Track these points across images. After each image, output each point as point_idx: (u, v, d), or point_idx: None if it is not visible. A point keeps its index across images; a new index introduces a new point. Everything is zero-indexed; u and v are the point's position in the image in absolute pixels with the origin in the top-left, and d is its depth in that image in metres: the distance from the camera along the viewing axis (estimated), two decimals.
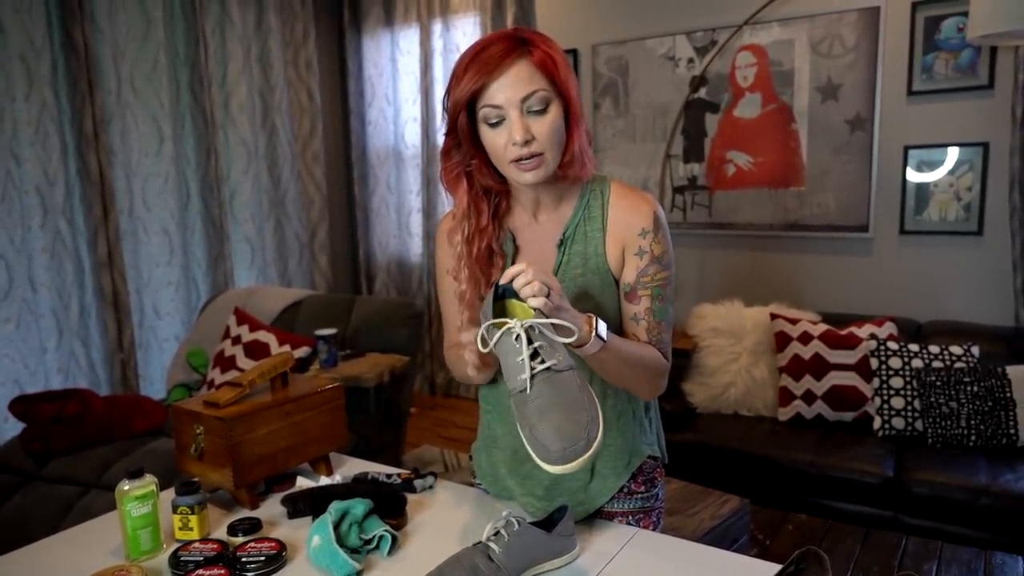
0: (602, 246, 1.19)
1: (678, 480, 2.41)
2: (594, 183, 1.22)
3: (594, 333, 1.03)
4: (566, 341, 1.00)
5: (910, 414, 2.78)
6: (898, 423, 2.80)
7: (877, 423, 2.83)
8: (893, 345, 2.87)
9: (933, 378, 2.73)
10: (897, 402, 2.80)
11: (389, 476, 1.44)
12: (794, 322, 3.08)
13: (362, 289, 4.97)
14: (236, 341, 3.02)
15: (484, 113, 1.10)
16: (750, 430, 2.99)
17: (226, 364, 2.97)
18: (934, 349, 2.83)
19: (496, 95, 1.08)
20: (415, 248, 4.78)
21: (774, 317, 3.14)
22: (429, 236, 4.64)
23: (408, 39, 4.61)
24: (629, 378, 1.16)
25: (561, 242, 1.21)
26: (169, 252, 3.90)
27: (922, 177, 3.18)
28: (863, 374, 2.90)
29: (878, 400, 2.84)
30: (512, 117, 1.08)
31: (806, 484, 2.71)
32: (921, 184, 3.18)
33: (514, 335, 0.98)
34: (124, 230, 3.66)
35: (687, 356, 3.26)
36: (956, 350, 2.81)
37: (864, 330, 2.98)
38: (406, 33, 4.61)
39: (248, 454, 1.33)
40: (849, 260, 3.41)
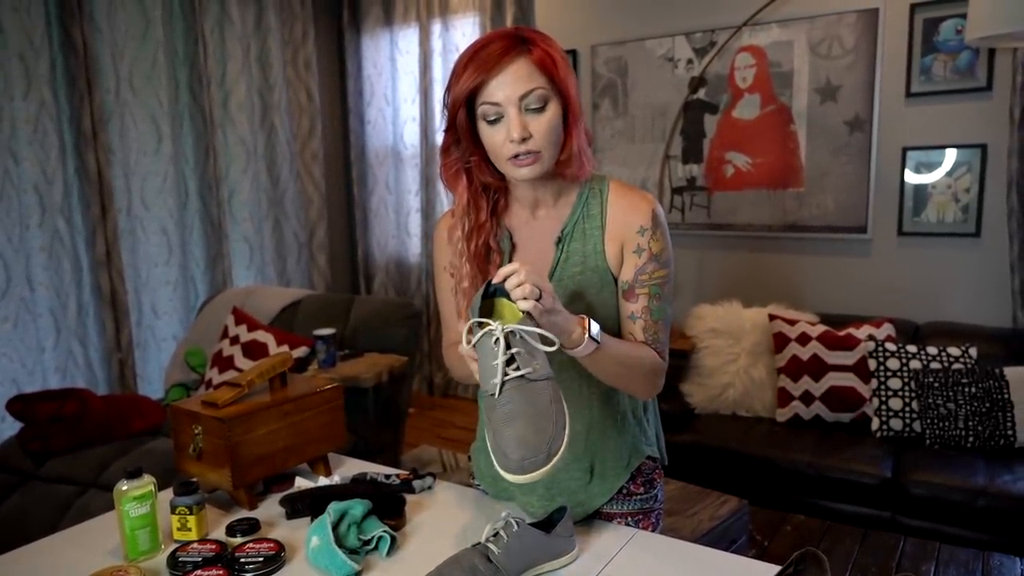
0: (600, 244, 1.19)
1: (677, 481, 2.42)
2: (593, 182, 1.22)
3: (587, 335, 1.03)
4: (547, 350, 0.99)
5: (908, 415, 2.79)
6: (896, 424, 2.80)
7: (875, 424, 2.84)
8: (891, 346, 2.87)
9: (931, 379, 2.74)
10: (895, 403, 2.81)
11: (388, 477, 1.44)
12: (792, 323, 3.08)
13: (360, 289, 4.97)
14: (234, 341, 3.01)
15: (483, 110, 1.10)
16: (748, 431, 3.00)
17: (224, 364, 2.96)
18: (932, 350, 2.84)
19: (495, 92, 1.08)
20: (414, 248, 4.78)
21: (772, 318, 3.14)
22: (428, 236, 4.64)
23: (407, 39, 4.61)
24: (624, 378, 1.16)
25: (559, 240, 1.21)
26: (167, 251, 3.90)
27: (920, 178, 3.19)
28: (861, 375, 2.90)
29: (876, 401, 2.84)
30: (510, 115, 1.09)
31: (804, 485, 2.72)
32: (919, 185, 3.19)
33: (493, 338, 0.96)
34: (122, 229, 3.65)
35: (685, 357, 3.26)
36: (954, 351, 2.82)
37: (862, 331, 2.98)
38: (405, 33, 4.61)
39: (247, 454, 1.33)
40: (847, 261, 3.41)
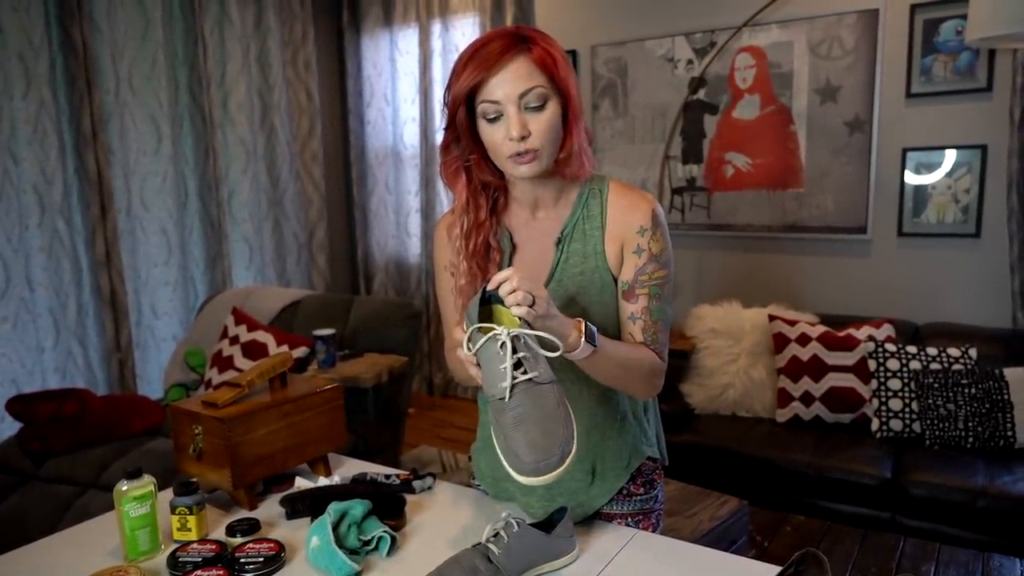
0: (601, 244, 1.19)
1: (676, 481, 2.42)
2: (593, 182, 1.22)
3: (583, 339, 1.03)
4: (550, 355, 1.00)
5: (908, 416, 2.79)
6: (896, 425, 2.80)
7: (875, 425, 2.84)
8: (891, 347, 2.87)
9: (931, 380, 2.74)
10: (895, 404, 2.81)
11: (388, 477, 1.44)
12: (792, 323, 3.08)
13: (360, 289, 4.96)
14: (234, 341, 3.01)
15: (482, 108, 1.10)
16: (748, 431, 3.00)
17: (224, 364, 2.96)
18: (932, 351, 2.84)
19: (494, 90, 1.08)
20: (413, 248, 4.78)
21: (772, 318, 3.14)
22: (427, 236, 4.64)
23: (407, 39, 4.61)
24: (622, 380, 1.16)
25: (559, 240, 1.21)
26: (167, 251, 3.90)
27: (920, 179, 3.19)
28: (861, 376, 2.90)
29: (876, 402, 2.84)
30: (510, 113, 1.09)
31: (804, 485, 2.71)
32: (919, 186, 3.19)
33: (499, 343, 0.97)
34: (122, 229, 3.65)
35: (685, 357, 3.26)
36: (954, 352, 2.82)
37: (862, 332, 2.98)
38: (405, 33, 4.61)
39: (247, 454, 1.32)
40: (847, 262, 3.41)
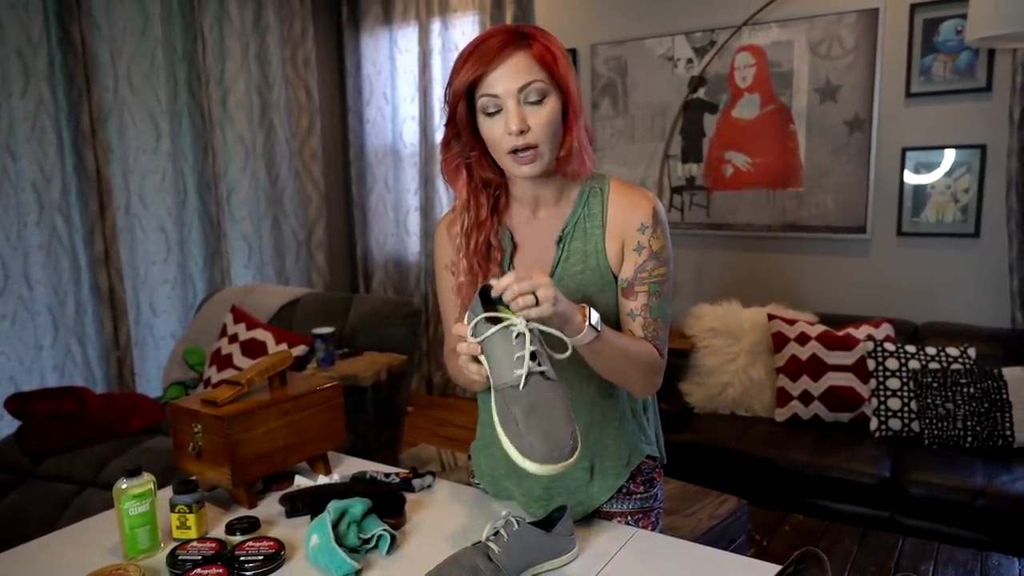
0: (602, 243, 1.19)
1: (676, 480, 2.41)
2: (593, 180, 1.22)
3: (587, 323, 1.03)
4: (558, 357, 1.01)
5: (907, 415, 2.79)
6: (895, 424, 2.80)
7: (874, 424, 2.84)
8: (890, 346, 2.87)
9: (930, 379, 2.74)
10: (894, 403, 2.81)
11: (388, 475, 1.44)
12: (791, 323, 3.08)
13: (359, 288, 4.96)
14: (233, 339, 3.01)
15: (482, 103, 1.11)
16: (747, 430, 3.00)
17: (223, 362, 2.96)
18: (931, 350, 2.84)
19: (494, 84, 1.09)
20: (413, 247, 4.77)
21: (771, 318, 3.14)
22: (427, 235, 4.63)
23: (407, 37, 4.61)
24: (622, 372, 1.15)
25: (560, 239, 1.21)
26: (166, 249, 3.89)
27: (920, 179, 3.19)
28: (860, 375, 2.90)
29: (875, 401, 2.84)
30: (509, 107, 1.09)
31: (803, 485, 2.72)
32: (919, 186, 3.19)
33: (514, 333, 0.98)
34: (121, 227, 3.65)
35: (685, 356, 3.26)
36: (953, 351, 2.82)
37: (861, 331, 2.98)
38: (404, 31, 4.61)
39: (246, 453, 1.32)
40: (846, 261, 3.41)
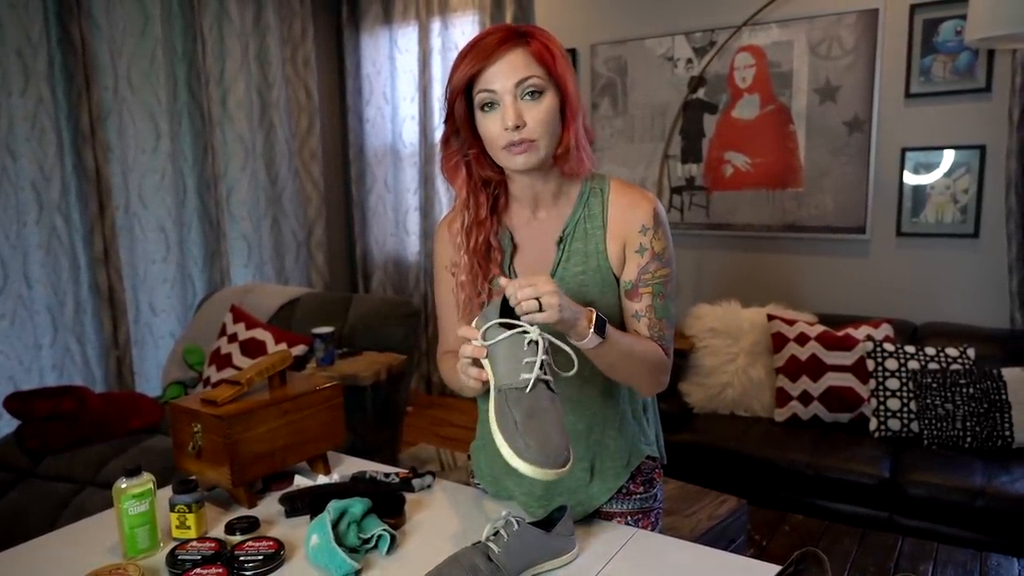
0: (602, 243, 1.19)
1: (675, 480, 2.42)
2: (593, 181, 1.22)
3: (592, 328, 1.04)
4: (564, 375, 1.03)
5: (906, 415, 2.79)
6: (894, 424, 2.80)
7: (873, 424, 2.84)
8: (889, 347, 2.87)
9: (929, 380, 2.74)
10: (893, 403, 2.81)
11: (387, 475, 1.44)
12: (791, 323, 3.08)
13: (359, 287, 4.96)
14: (232, 339, 3.01)
15: (480, 98, 1.12)
16: (747, 431, 3.00)
17: (222, 362, 2.96)
18: (930, 351, 2.84)
19: (491, 80, 1.10)
20: (412, 247, 4.77)
21: (771, 318, 3.14)
22: (426, 235, 4.63)
23: (406, 37, 4.60)
24: (629, 372, 1.15)
25: (560, 239, 1.21)
26: (165, 249, 3.89)
27: (919, 179, 3.19)
28: (859, 375, 2.90)
29: (874, 401, 2.84)
30: (505, 102, 1.10)
31: (803, 485, 2.72)
32: (918, 186, 3.19)
33: (527, 340, 0.99)
34: (120, 226, 3.64)
35: (684, 356, 3.26)
36: (952, 352, 2.82)
37: (861, 331, 2.98)
38: (404, 31, 4.61)
39: (246, 452, 1.32)
40: (846, 261, 3.41)
